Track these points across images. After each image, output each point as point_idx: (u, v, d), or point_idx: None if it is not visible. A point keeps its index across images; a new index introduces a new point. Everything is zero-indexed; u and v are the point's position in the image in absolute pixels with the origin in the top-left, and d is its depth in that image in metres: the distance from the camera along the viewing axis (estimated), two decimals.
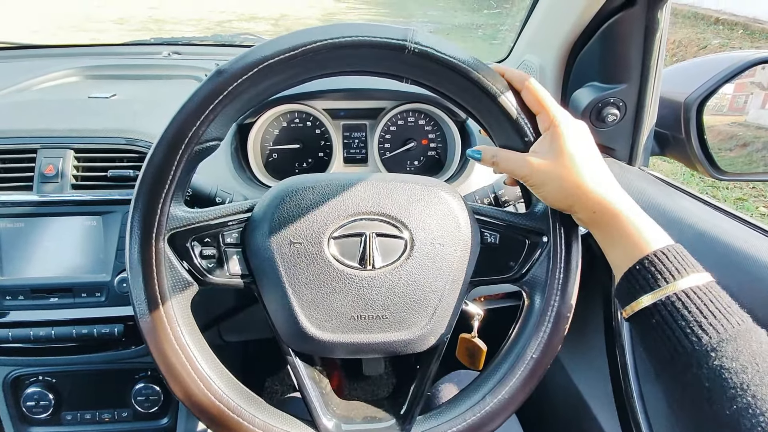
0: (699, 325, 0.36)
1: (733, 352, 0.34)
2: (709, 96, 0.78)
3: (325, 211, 0.50)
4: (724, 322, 0.35)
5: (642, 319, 0.40)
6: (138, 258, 0.46)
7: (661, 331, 0.37)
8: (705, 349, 0.35)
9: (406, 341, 0.51)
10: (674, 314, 0.37)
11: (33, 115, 0.76)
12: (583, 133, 0.47)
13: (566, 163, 0.46)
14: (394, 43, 0.45)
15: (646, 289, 0.39)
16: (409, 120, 0.92)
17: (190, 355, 0.48)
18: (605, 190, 0.45)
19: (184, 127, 0.45)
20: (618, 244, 0.44)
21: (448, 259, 0.51)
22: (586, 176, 0.45)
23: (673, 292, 0.38)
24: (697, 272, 0.39)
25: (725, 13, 6.49)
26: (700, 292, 0.37)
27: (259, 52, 0.44)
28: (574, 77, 0.84)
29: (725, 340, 0.34)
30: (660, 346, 0.38)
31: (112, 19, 9.31)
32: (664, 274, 0.39)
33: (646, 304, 0.39)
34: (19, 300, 0.71)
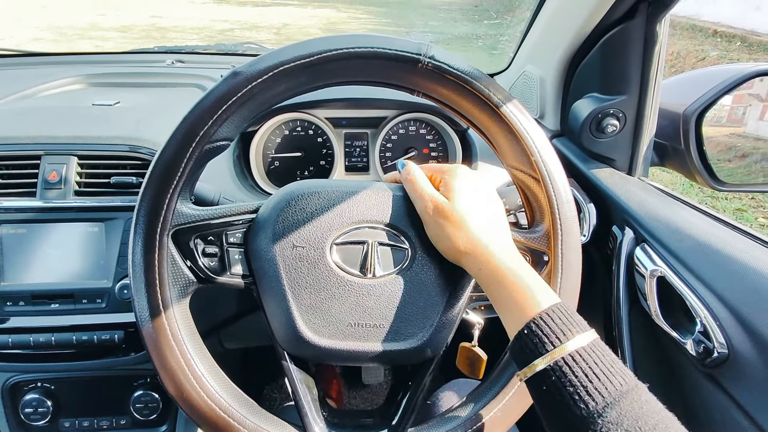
0: (585, 389, 0.36)
1: (617, 417, 0.34)
2: (707, 108, 0.79)
3: (329, 217, 0.50)
4: (608, 385, 0.36)
5: (537, 383, 0.40)
6: (141, 251, 0.47)
7: (556, 395, 0.38)
8: (592, 415, 0.35)
9: (402, 352, 0.51)
10: (563, 379, 0.37)
11: (37, 121, 0.77)
12: (475, 188, 0.49)
13: (454, 220, 0.47)
14: (408, 56, 0.46)
15: (536, 354, 0.39)
16: (410, 129, 0.93)
17: (186, 352, 0.48)
18: (492, 249, 0.46)
19: (196, 125, 0.45)
20: (506, 305, 0.44)
21: (448, 273, 0.51)
22: (472, 233, 0.47)
23: (561, 356, 0.38)
24: (581, 332, 0.39)
25: (723, 26, 6.55)
26: (585, 354, 0.38)
27: (276, 56, 0.45)
28: (574, 88, 0.85)
29: (609, 404, 0.35)
30: (555, 410, 0.39)
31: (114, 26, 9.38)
32: (551, 338, 0.39)
33: (540, 368, 0.39)
34: (20, 306, 0.71)
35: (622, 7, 0.68)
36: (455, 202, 0.48)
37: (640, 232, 0.71)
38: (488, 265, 0.45)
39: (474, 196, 0.49)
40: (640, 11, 0.68)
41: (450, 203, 0.48)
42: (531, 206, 0.57)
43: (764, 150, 0.95)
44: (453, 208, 0.47)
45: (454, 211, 0.47)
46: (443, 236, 0.48)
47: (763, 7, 6.31)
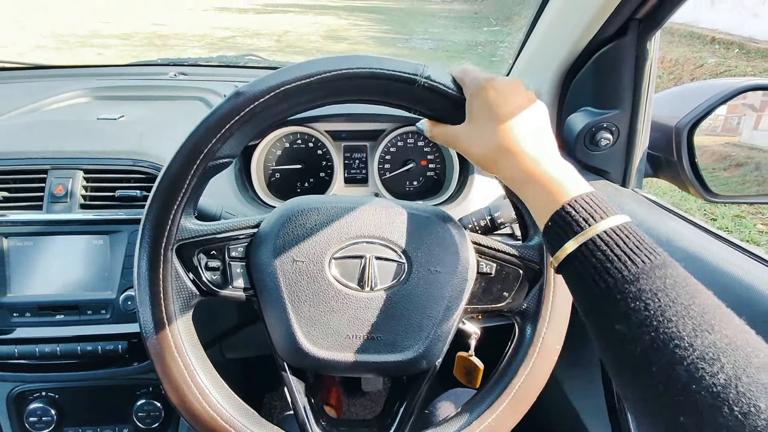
0: (608, 267, 0.36)
1: (636, 292, 0.34)
2: (699, 121, 0.80)
3: (328, 233, 0.52)
4: (631, 263, 0.36)
5: (569, 268, 0.40)
6: (146, 266, 0.48)
7: (584, 275, 0.38)
8: (612, 291, 0.36)
9: (398, 363, 0.53)
10: (590, 258, 0.37)
11: (44, 136, 0.79)
12: (509, 91, 0.46)
13: (487, 122, 0.46)
14: (405, 76, 0.47)
15: (565, 238, 0.39)
16: (408, 141, 0.95)
17: (189, 363, 0.50)
18: (534, 154, 0.44)
19: (201, 143, 0.47)
20: (537, 199, 0.43)
21: (443, 286, 0.53)
22: (504, 133, 0.45)
23: (590, 237, 0.38)
24: (612, 215, 0.39)
25: (721, 33, 6.59)
26: (613, 234, 0.37)
27: (278, 77, 0.46)
28: (569, 101, 0.87)
29: (630, 280, 0.35)
30: (582, 291, 0.39)
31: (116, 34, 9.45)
32: (580, 222, 0.39)
33: (571, 251, 0.39)
34: (25, 317, 0.72)
35: (614, 25, 0.70)
36: (514, 98, 0.46)
37: None
38: (527, 167, 0.44)
39: (535, 106, 0.47)
40: (631, 29, 0.70)
41: (510, 97, 0.46)
42: (524, 219, 0.58)
43: (758, 159, 0.96)
44: (510, 102, 0.45)
45: (511, 105, 0.45)
46: (489, 130, 0.46)
47: (761, 14, 6.35)
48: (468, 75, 0.48)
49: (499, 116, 0.45)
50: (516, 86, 0.47)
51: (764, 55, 5.65)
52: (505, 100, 0.46)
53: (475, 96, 0.47)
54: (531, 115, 0.46)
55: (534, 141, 0.45)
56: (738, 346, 0.31)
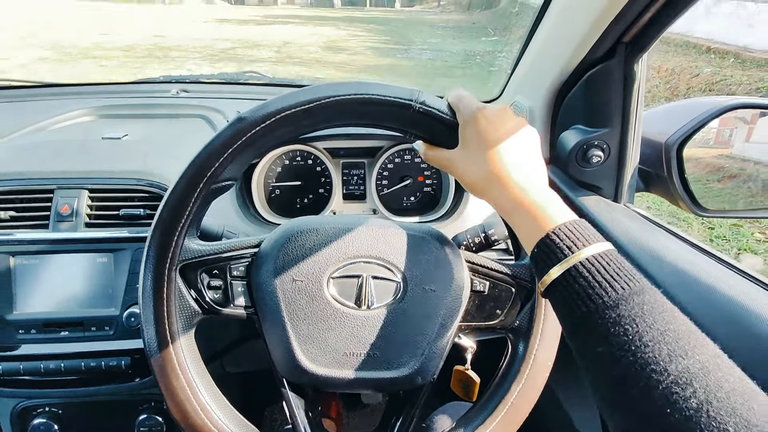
0: (588, 293, 0.38)
1: (615, 317, 0.36)
2: (688, 138, 0.83)
3: (326, 253, 0.54)
4: (610, 289, 0.37)
5: (555, 293, 0.41)
6: (151, 286, 0.50)
7: (568, 300, 0.40)
8: (593, 316, 0.37)
9: (394, 380, 0.54)
10: (573, 284, 0.39)
11: (50, 156, 0.81)
12: (499, 120, 0.48)
13: (477, 150, 0.47)
14: (401, 101, 0.49)
15: (551, 263, 0.41)
16: (405, 158, 0.97)
17: (192, 382, 0.52)
18: (524, 185, 0.46)
19: (203, 167, 0.49)
20: (524, 226, 0.45)
21: (438, 304, 0.54)
22: (493, 162, 0.46)
23: (574, 263, 0.39)
24: (596, 242, 0.41)
25: (716, 42, 6.66)
26: (594, 261, 0.39)
27: (279, 103, 0.48)
28: (561, 119, 0.89)
29: (609, 306, 0.37)
30: (566, 315, 0.40)
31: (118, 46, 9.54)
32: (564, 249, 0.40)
33: (556, 276, 0.40)
34: (31, 333, 0.74)
35: (602, 48, 0.73)
36: (504, 126, 0.48)
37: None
38: (515, 195, 0.45)
39: (524, 132, 0.49)
40: (619, 52, 0.73)
41: (500, 126, 0.47)
42: (516, 239, 0.60)
43: (750, 171, 0.98)
44: (500, 130, 0.47)
45: (502, 133, 0.47)
46: (480, 157, 0.47)
47: (756, 24, 6.42)
48: (462, 101, 0.50)
49: (489, 145, 0.47)
50: (505, 114, 0.49)
51: (760, 64, 5.70)
52: (495, 129, 0.47)
53: (468, 123, 0.49)
54: (521, 143, 0.48)
55: (522, 170, 0.47)
56: (710, 370, 0.32)
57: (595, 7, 0.69)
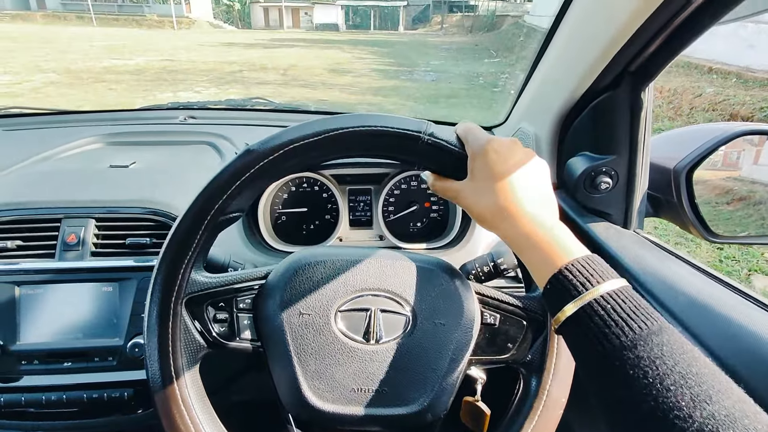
0: (606, 333, 0.37)
1: (634, 358, 0.35)
2: (696, 165, 0.82)
3: (334, 286, 0.53)
4: (628, 329, 0.36)
5: (569, 330, 0.40)
6: (156, 319, 0.49)
7: (583, 338, 0.39)
8: (610, 357, 0.36)
9: (403, 417, 0.53)
10: (589, 323, 0.38)
11: (57, 185, 0.81)
12: (508, 153, 0.47)
13: (486, 182, 0.47)
14: (410, 133, 0.49)
15: (565, 299, 0.40)
16: (411, 184, 0.97)
17: (195, 418, 0.50)
18: (536, 219, 0.45)
19: (211, 200, 0.48)
20: (538, 260, 0.44)
21: (448, 338, 0.53)
22: (503, 194, 0.46)
23: (588, 301, 0.38)
24: (610, 278, 0.40)
25: (718, 63, 6.71)
26: (610, 298, 0.38)
27: (287, 135, 0.48)
28: (568, 146, 0.89)
29: (627, 346, 0.36)
30: (582, 354, 0.39)
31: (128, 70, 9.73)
32: (578, 286, 0.39)
33: (570, 313, 0.39)
34: (33, 364, 0.73)
35: (608, 77, 0.73)
36: (513, 158, 0.47)
37: (636, 286, 0.72)
38: (526, 229, 0.45)
39: (533, 164, 0.48)
40: (625, 81, 0.73)
41: (509, 158, 0.47)
42: (527, 269, 0.59)
43: (761, 194, 0.97)
44: (510, 163, 0.46)
45: (512, 166, 0.46)
46: (489, 190, 0.47)
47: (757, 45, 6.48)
48: (470, 133, 0.50)
49: (499, 177, 0.46)
50: (515, 147, 0.48)
51: (762, 84, 5.73)
52: (505, 161, 0.47)
53: (477, 155, 0.48)
54: (531, 176, 0.48)
55: (533, 203, 0.46)
56: (736, 418, 0.31)
57: (602, 37, 0.70)
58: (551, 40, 0.85)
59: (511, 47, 14.02)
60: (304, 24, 38.77)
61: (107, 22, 27.93)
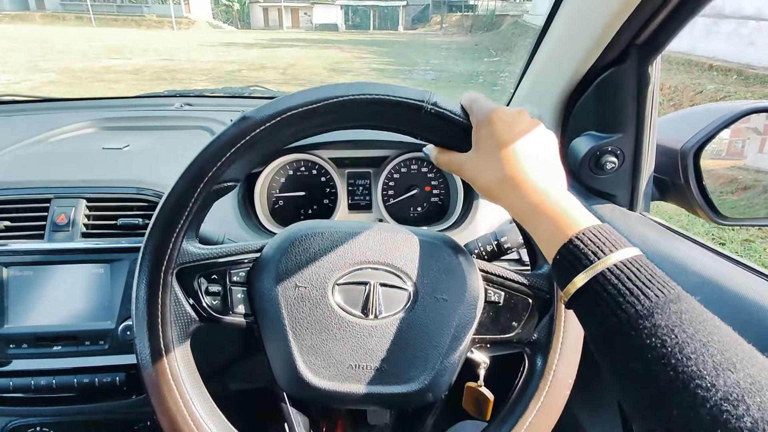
0: (620, 302, 0.35)
1: (651, 327, 0.33)
2: (704, 144, 0.80)
3: (332, 258, 0.51)
4: (644, 297, 0.34)
5: (579, 303, 0.38)
6: (145, 289, 0.47)
7: (595, 310, 0.37)
8: (625, 327, 0.34)
9: (403, 395, 0.50)
10: (601, 293, 0.36)
11: (47, 166, 0.79)
12: (514, 122, 0.46)
13: (492, 152, 0.45)
14: (412, 102, 0.47)
15: (575, 270, 0.38)
16: (412, 167, 0.95)
17: (185, 394, 0.48)
18: (542, 187, 0.43)
19: (205, 166, 0.46)
20: (545, 231, 0.42)
21: (450, 315, 0.51)
22: (509, 164, 0.44)
23: (600, 270, 0.36)
24: (623, 247, 0.37)
25: (718, 60, 6.70)
26: (624, 267, 0.36)
27: (285, 102, 0.46)
28: (572, 126, 0.87)
29: (643, 315, 0.34)
30: (594, 327, 0.37)
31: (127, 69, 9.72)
32: (589, 255, 0.37)
33: (580, 285, 0.37)
34: (22, 348, 0.71)
35: (614, 51, 0.71)
36: (520, 127, 0.45)
37: None
38: (533, 199, 0.43)
39: (540, 133, 0.46)
40: (632, 55, 0.71)
41: (515, 127, 0.45)
42: (533, 246, 0.57)
43: (765, 183, 0.95)
44: (516, 132, 0.45)
45: (517, 134, 0.45)
46: (494, 160, 0.45)
47: (757, 41, 6.47)
48: (475, 103, 0.48)
49: (504, 147, 0.45)
50: (522, 116, 0.47)
51: (763, 80, 5.72)
52: (511, 130, 0.45)
53: (482, 125, 0.47)
54: (538, 145, 0.46)
55: (540, 172, 0.44)
56: (763, 386, 0.29)
57: (606, 9, 0.68)
58: (554, 16, 0.83)
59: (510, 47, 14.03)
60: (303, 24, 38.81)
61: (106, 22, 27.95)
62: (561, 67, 0.83)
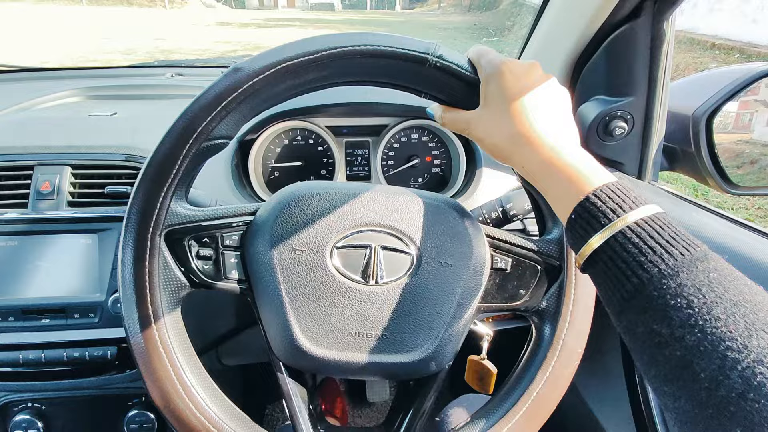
0: (642, 261, 0.32)
1: (676, 287, 0.31)
2: (718, 108, 0.77)
3: (330, 220, 0.48)
4: (669, 256, 0.32)
5: (596, 266, 0.36)
6: (132, 252, 0.44)
7: (614, 271, 0.34)
8: (647, 287, 0.32)
9: (405, 365, 0.48)
10: (621, 253, 0.33)
11: (31, 132, 0.75)
12: (526, 75, 0.43)
13: (501, 108, 0.43)
14: (416, 55, 0.44)
15: (591, 231, 0.35)
16: (412, 137, 0.91)
17: (175, 361, 0.46)
18: (554, 142, 0.41)
19: (194, 121, 0.43)
20: (559, 190, 0.39)
21: (455, 281, 0.48)
22: (520, 120, 0.42)
23: (619, 230, 0.34)
24: (643, 204, 0.35)
25: (721, 38, 6.61)
26: (645, 225, 0.33)
27: (280, 53, 0.43)
28: (580, 91, 0.83)
29: (668, 275, 0.31)
30: (612, 289, 0.35)
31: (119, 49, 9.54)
32: (607, 213, 0.35)
33: (597, 245, 0.35)
34: (9, 321, 0.68)
35: (627, 6, 0.67)
36: (531, 80, 0.43)
37: None
38: (545, 157, 0.40)
39: (553, 87, 0.44)
40: (646, 10, 0.67)
41: (526, 81, 0.42)
42: (542, 211, 0.54)
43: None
44: (527, 85, 0.42)
45: (529, 88, 0.42)
46: (504, 116, 0.42)
47: (760, 20, 6.37)
48: (484, 57, 0.45)
49: (515, 101, 0.42)
50: (534, 69, 0.44)
51: (766, 59, 5.65)
52: (522, 84, 0.42)
53: (491, 79, 0.44)
54: (550, 100, 0.43)
55: (553, 128, 0.42)
56: None
57: None
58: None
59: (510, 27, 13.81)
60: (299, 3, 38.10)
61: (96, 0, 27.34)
62: (569, 27, 0.79)
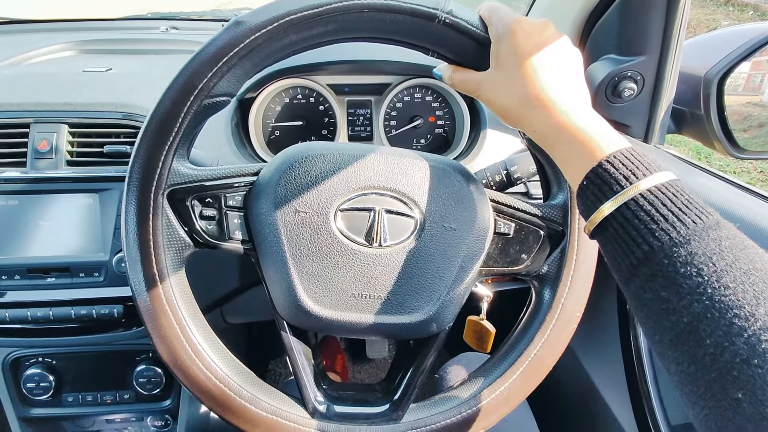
0: (653, 229, 0.32)
1: (686, 255, 0.31)
2: (731, 70, 0.74)
3: (334, 182, 0.47)
4: (680, 224, 0.32)
5: (606, 231, 0.36)
6: (135, 212, 0.44)
7: (624, 238, 0.34)
8: (658, 255, 0.32)
9: (406, 326, 0.49)
10: (632, 220, 0.33)
11: (25, 89, 0.73)
12: (539, 34, 0.41)
13: (513, 69, 0.41)
14: (424, 10, 0.42)
15: (602, 198, 0.35)
16: (416, 96, 0.89)
17: (181, 319, 0.47)
18: (567, 106, 0.40)
19: (194, 78, 0.42)
20: (570, 155, 0.39)
21: (458, 245, 0.49)
22: (532, 82, 0.40)
23: (630, 197, 0.34)
24: (656, 171, 0.34)
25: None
26: (657, 192, 0.33)
27: (283, 6, 0.41)
28: (590, 50, 0.80)
29: (679, 243, 0.31)
30: (621, 256, 0.35)
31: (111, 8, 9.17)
32: (619, 180, 0.35)
33: (608, 212, 0.35)
34: (15, 279, 0.69)
35: None
36: (544, 40, 0.41)
37: None
38: (558, 121, 0.39)
39: (566, 47, 0.42)
40: None
41: (540, 40, 0.41)
42: (547, 175, 0.54)
43: None
44: (540, 45, 0.41)
45: (542, 47, 0.41)
46: (516, 77, 0.41)
47: None
48: (496, 14, 0.43)
49: (527, 62, 0.40)
50: (547, 28, 0.42)
51: None
52: (536, 44, 0.41)
53: (503, 38, 0.42)
54: (563, 61, 0.42)
55: (566, 91, 0.40)
56: None
57: None
58: None
59: None
60: None
61: None
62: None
